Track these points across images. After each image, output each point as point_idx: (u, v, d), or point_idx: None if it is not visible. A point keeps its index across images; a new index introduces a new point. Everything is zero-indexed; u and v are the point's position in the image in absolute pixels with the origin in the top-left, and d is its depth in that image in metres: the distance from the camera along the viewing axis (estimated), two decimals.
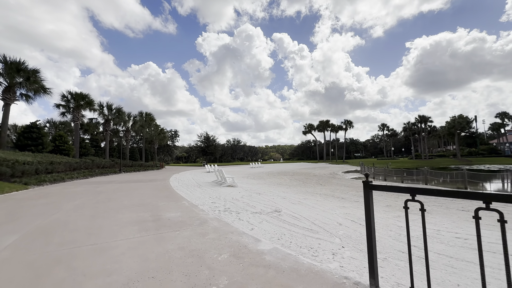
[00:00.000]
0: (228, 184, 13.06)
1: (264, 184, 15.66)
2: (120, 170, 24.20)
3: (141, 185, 12.87)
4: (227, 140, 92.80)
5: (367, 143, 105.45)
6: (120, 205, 6.88)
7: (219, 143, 67.30)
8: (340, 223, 5.05)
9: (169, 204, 6.99)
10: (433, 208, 7.49)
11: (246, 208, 6.35)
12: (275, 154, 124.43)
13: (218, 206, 6.60)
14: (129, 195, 8.82)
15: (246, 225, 4.60)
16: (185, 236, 3.90)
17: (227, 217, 5.31)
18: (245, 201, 7.63)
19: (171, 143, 65.16)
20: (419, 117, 58.81)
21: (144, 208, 6.37)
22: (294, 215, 5.71)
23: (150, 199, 7.96)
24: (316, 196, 10.15)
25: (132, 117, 33.59)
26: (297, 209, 6.56)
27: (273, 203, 7.36)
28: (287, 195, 9.92)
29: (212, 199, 7.98)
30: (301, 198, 9.01)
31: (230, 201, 7.55)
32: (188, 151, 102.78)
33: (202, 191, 10.47)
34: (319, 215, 5.86)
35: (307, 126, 65.90)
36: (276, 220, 5.07)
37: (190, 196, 8.64)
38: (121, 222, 4.89)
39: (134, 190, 10.40)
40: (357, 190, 12.50)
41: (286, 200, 8.23)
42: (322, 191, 11.94)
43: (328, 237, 4.01)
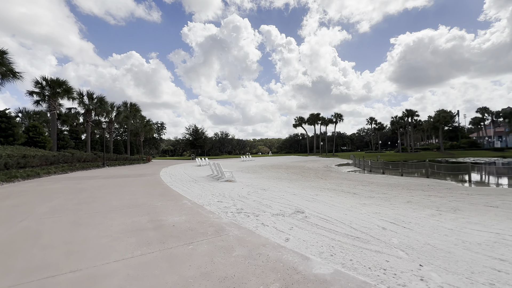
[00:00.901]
0: (226, 179, 12.04)
1: (263, 178, 14.78)
2: (103, 164, 22.43)
3: (129, 180, 11.57)
4: (214, 133, 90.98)
5: (353, 136, 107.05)
6: (108, 206, 5.71)
7: (208, 136, 65.46)
8: (382, 226, 4.22)
9: (167, 204, 5.90)
10: (458, 205, 6.90)
11: (262, 209, 5.41)
12: (263, 148, 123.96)
13: (228, 206, 5.60)
14: (118, 193, 7.61)
15: (275, 234, 3.65)
16: (204, 253, 2.90)
17: (246, 221, 4.33)
18: (255, 199, 6.67)
19: (157, 135, 62.57)
20: (406, 111, 59.92)
21: (138, 210, 5.26)
22: (322, 216, 4.83)
23: (143, 198, 6.81)
24: (325, 191, 9.38)
25: (115, 107, 31.33)
26: (318, 208, 5.70)
27: (287, 201, 6.46)
28: (295, 190, 9.07)
29: (216, 197, 6.96)
30: (312, 194, 8.19)
31: (238, 199, 6.57)
32: (175, 144, 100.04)
33: (200, 187, 9.40)
34: (348, 215, 5.03)
35: (297, 119, 65.42)
36: (308, 225, 4.16)
37: (190, 194, 7.57)
38: (112, 232, 3.79)
39: (123, 187, 9.15)
40: (363, 184, 11.90)
41: (298, 197, 7.37)
42: (328, 186, 11.22)
43: (387, 248, 3.15)
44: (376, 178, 15.17)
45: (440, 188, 10.66)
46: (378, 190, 9.85)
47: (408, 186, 11.19)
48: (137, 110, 36.93)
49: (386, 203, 7.09)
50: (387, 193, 9.24)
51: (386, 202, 7.17)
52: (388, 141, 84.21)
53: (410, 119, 61.32)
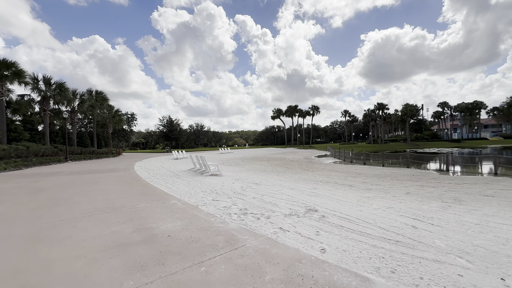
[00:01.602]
0: (212, 173, 11.13)
1: (248, 171, 14.07)
2: (66, 158, 19.98)
3: (100, 177, 10.11)
4: (189, 125, 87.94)
5: (327, 129, 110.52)
6: (77, 211, 4.58)
7: (183, 127, 62.68)
8: (411, 224, 3.76)
9: (153, 205, 4.92)
10: (458, 195, 6.85)
11: (268, 208, 4.70)
12: (239, 140, 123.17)
13: (227, 206, 4.79)
14: (88, 193, 6.37)
15: (304, 242, 2.97)
16: (225, 279, 2.12)
17: (259, 225, 3.59)
18: (254, 196, 5.94)
19: (127, 127, 58.30)
20: (377, 104, 62.82)
21: (118, 215, 4.24)
22: (338, 214, 4.27)
23: (121, 198, 5.71)
24: (320, 184, 8.95)
25: (78, 95, 28.06)
26: (327, 204, 5.15)
27: (290, 197, 5.83)
28: (289, 184, 8.51)
29: (209, 194, 6.09)
30: (309, 188, 7.68)
31: (236, 197, 5.78)
32: (147, 137, 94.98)
33: (186, 183, 8.40)
34: (365, 212, 4.53)
35: (275, 110, 65.29)
36: (332, 227, 3.55)
37: (176, 191, 6.59)
38: (86, 249, 2.81)
39: (93, 185, 7.83)
40: (353, 176, 11.77)
41: (298, 192, 6.79)
42: (319, 178, 10.86)
43: (442, 255, 2.64)
44: (361, 169, 15.29)
45: (426, 178, 10.86)
46: (371, 182, 9.69)
47: (396, 177, 11.27)
48: (104, 99, 33.63)
49: (388, 195, 6.81)
50: (381, 184, 9.09)
51: (388, 195, 6.89)
52: (360, 133, 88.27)
53: (380, 112, 64.50)
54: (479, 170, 13.47)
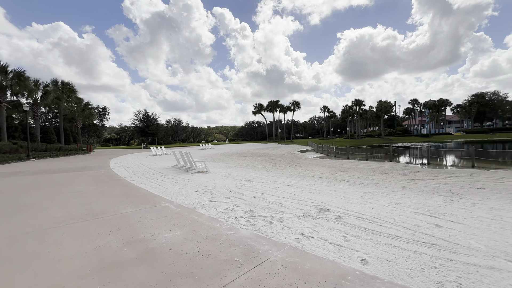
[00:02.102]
0: (198, 170, 10.42)
1: (235, 167, 13.51)
2: (28, 156, 17.89)
3: (71, 176, 8.96)
4: (166, 120, 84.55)
5: (306, 124, 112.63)
6: (47, 219, 3.76)
7: (160, 122, 59.91)
8: (434, 223, 3.51)
9: (142, 210, 4.23)
10: (452, 189, 6.92)
11: (275, 209, 4.23)
12: (219, 135, 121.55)
13: (229, 208, 4.25)
14: (58, 196, 5.43)
15: (337, 251, 2.54)
16: None
17: (276, 232, 3.11)
18: (254, 195, 5.44)
19: (99, 122, 54.32)
20: (355, 101, 64.93)
21: (99, 223, 3.52)
22: (353, 214, 3.92)
23: (100, 201, 4.90)
24: (314, 180, 8.68)
25: (42, 86, 25.28)
26: (334, 202, 4.81)
27: (292, 196, 5.42)
28: (284, 180, 8.13)
29: (203, 194, 5.48)
30: (305, 184, 7.35)
31: (234, 196, 5.24)
32: (120, 132, 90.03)
33: (173, 181, 7.66)
34: (377, 210, 4.24)
35: (257, 105, 64.78)
36: (358, 230, 3.17)
37: (165, 192, 5.88)
38: (63, 276, 2.14)
39: (63, 186, 6.81)
40: (342, 170, 11.72)
41: (298, 189, 6.42)
42: (310, 173, 10.63)
43: (493, 260, 2.36)
44: (348, 163, 15.41)
45: (412, 171, 11.11)
46: (363, 176, 9.64)
47: (384, 171, 11.40)
48: (72, 91, 30.75)
49: (386, 190, 6.68)
50: (374, 178, 9.05)
51: (386, 189, 6.77)
52: (338, 128, 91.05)
53: (357, 108, 66.82)
54: (458, 163, 14.21)
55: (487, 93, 70.58)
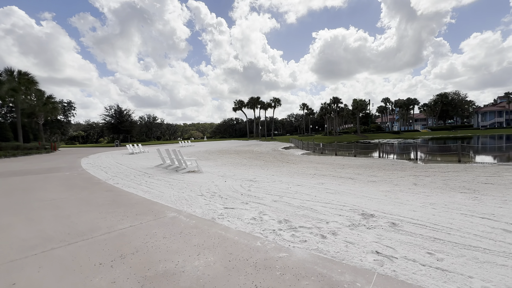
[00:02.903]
0: (189, 170, 9.41)
1: (225, 165, 12.63)
2: None
3: (36, 180, 7.49)
4: (140, 117, 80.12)
5: (284, 121, 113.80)
6: (11, 245, 2.69)
7: (134, 119, 56.23)
8: (501, 228, 3.07)
9: (145, 224, 3.29)
10: (465, 185, 6.80)
11: (311, 216, 3.54)
12: (196, 132, 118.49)
13: (257, 218, 3.47)
14: (23, 208, 4.23)
15: (448, 280, 1.91)
16: None
17: (341, 250, 2.41)
18: (271, 198, 4.71)
19: (63, 117, 49.34)
20: (333, 98, 66.54)
21: (93, 248, 2.56)
22: (405, 220, 3.38)
23: (83, 212, 3.84)
24: (320, 178, 8.17)
25: None
26: (370, 205, 4.26)
27: (315, 198, 4.79)
28: (288, 179, 7.50)
29: (211, 199, 4.63)
30: (317, 183, 6.79)
31: (252, 201, 4.46)
32: (87, 129, 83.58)
33: (165, 183, 6.64)
34: (421, 213, 3.76)
35: (237, 102, 63.46)
36: (435, 243, 2.59)
37: (162, 197, 4.91)
38: None
39: (28, 193, 5.49)
40: (341, 167, 11.42)
41: (314, 190, 5.82)
42: (310, 171, 10.13)
43: None
44: (339, 160, 15.27)
45: (407, 166, 11.14)
46: (364, 173, 9.36)
47: (379, 167, 11.31)
48: (31, 82, 27.23)
49: (401, 187, 6.34)
50: (377, 175, 8.78)
51: (400, 187, 6.43)
52: (316, 125, 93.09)
53: (335, 105, 68.62)
54: (441, 159, 14.75)
55: (450, 93, 76.60)
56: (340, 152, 19.96)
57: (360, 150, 18.93)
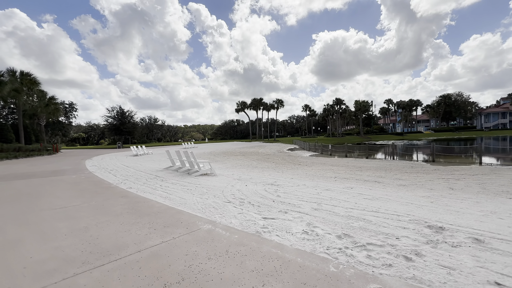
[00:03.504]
0: (203, 173, 8.90)
1: (237, 168, 12.13)
2: None
3: (42, 183, 6.98)
4: (141, 119, 79.69)
5: (285, 123, 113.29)
6: (22, 271, 2.19)
7: (137, 120, 55.75)
8: None
9: (178, 238, 2.79)
10: (505, 189, 6.29)
11: (372, 229, 3.03)
12: (196, 134, 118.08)
13: (308, 232, 2.96)
14: (32, 217, 3.73)
15: None
16: None
17: (446, 280, 1.91)
18: (310, 206, 4.20)
19: (65, 119, 48.87)
20: (336, 100, 66.13)
21: (124, 274, 2.05)
22: (478, 232, 2.88)
23: (102, 224, 3.34)
24: (344, 182, 7.67)
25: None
26: (425, 214, 3.75)
27: (358, 206, 4.29)
28: (314, 183, 7.00)
29: (241, 206, 4.12)
30: (345, 187, 6.29)
31: (290, 209, 3.95)
32: (88, 131, 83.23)
33: (182, 188, 6.13)
34: (490, 223, 3.26)
35: (240, 103, 62.98)
36: None
37: (184, 203, 4.41)
38: None
39: (35, 199, 4.99)
40: (360, 170, 10.90)
41: (348, 195, 5.32)
42: (328, 174, 9.62)
43: None
44: (352, 162, 14.75)
45: (428, 169, 10.63)
46: (387, 176, 8.85)
47: (398, 169, 10.80)
48: (33, 83, 26.82)
49: (439, 192, 5.83)
50: (402, 178, 8.27)
51: (438, 192, 5.92)
52: (317, 127, 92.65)
53: (337, 107, 68.21)
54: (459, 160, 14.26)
55: (453, 94, 76.16)
56: (349, 154, 19.45)
57: (371, 152, 18.43)
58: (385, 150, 20.74)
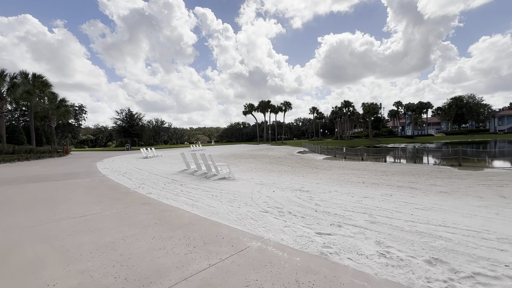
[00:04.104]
0: (221, 177, 8.43)
1: (254, 171, 11.64)
2: None
3: (57, 187, 6.61)
4: (147, 121, 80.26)
5: (291, 125, 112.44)
6: None
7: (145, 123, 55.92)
8: None
9: (227, 260, 2.30)
10: None
11: (467, 252, 2.48)
12: (202, 137, 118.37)
13: (384, 254, 2.42)
14: (50, 228, 3.29)
15: None
16: None
17: None
18: (360, 217, 3.67)
19: (75, 121, 49.32)
20: (344, 102, 65.21)
21: None
22: None
23: (129, 238, 2.87)
24: (377, 188, 7.08)
25: (8, 77, 21.65)
26: (505, 229, 3.18)
27: (415, 217, 3.73)
28: (345, 189, 6.44)
29: (283, 217, 3.61)
30: (382, 194, 5.72)
31: (344, 223, 3.43)
32: (96, 133, 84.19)
33: (206, 194, 5.66)
34: None
35: (247, 105, 62.66)
36: None
37: (217, 214, 3.93)
38: None
39: (51, 205, 4.58)
40: (386, 174, 10.28)
41: (390, 203, 4.76)
42: (353, 178, 9.03)
43: None
44: (372, 166, 14.10)
45: (461, 174, 9.93)
46: (420, 181, 8.22)
47: (427, 173, 10.12)
48: (45, 85, 26.95)
49: (495, 201, 5.21)
50: (436, 184, 7.64)
51: (488, 200, 5.30)
52: (324, 129, 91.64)
53: (345, 109, 67.22)
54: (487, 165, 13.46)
55: (464, 96, 74.30)
56: (365, 157, 18.75)
57: (389, 155, 17.71)
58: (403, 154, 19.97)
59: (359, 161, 17.73)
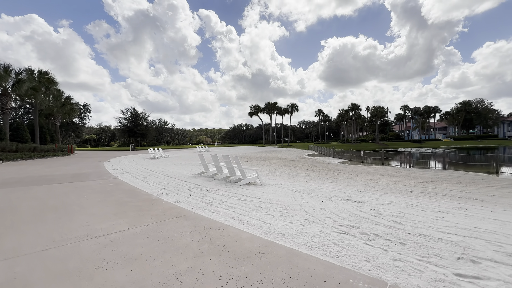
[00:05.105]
0: (248, 181, 7.52)
1: (274, 175, 10.75)
2: None
3: (66, 191, 5.74)
4: (151, 121, 79.75)
5: (295, 128, 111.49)
6: None
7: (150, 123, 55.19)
8: None
9: None
10: None
11: None
12: (205, 138, 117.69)
13: None
14: (72, 258, 2.40)
15: None
16: None
17: None
18: (473, 242, 2.76)
19: (79, 120, 48.67)
20: (351, 105, 64.22)
21: None
22: None
23: (182, 278, 1.97)
24: (438, 199, 6.14)
25: (14, 73, 20.96)
26: None
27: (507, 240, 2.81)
28: (400, 199, 5.52)
29: (372, 241, 2.72)
30: (453, 207, 4.80)
31: (467, 253, 2.52)
32: (99, 133, 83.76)
33: (244, 203, 4.76)
34: None
35: (253, 107, 61.80)
36: None
37: (280, 234, 3.03)
38: None
39: (64, 214, 3.69)
40: (422, 181, 9.32)
41: (479, 220, 3.84)
42: (394, 186, 8.10)
43: None
44: (400, 171, 13.15)
45: (502, 182, 8.97)
46: (474, 191, 7.28)
47: (471, 181, 9.17)
48: (51, 82, 26.27)
49: None
50: (496, 195, 6.70)
51: None
52: (329, 132, 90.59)
53: (352, 112, 66.21)
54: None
55: (473, 101, 73.10)
56: (381, 162, 17.79)
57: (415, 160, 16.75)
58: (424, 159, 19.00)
59: (378, 165, 16.77)
